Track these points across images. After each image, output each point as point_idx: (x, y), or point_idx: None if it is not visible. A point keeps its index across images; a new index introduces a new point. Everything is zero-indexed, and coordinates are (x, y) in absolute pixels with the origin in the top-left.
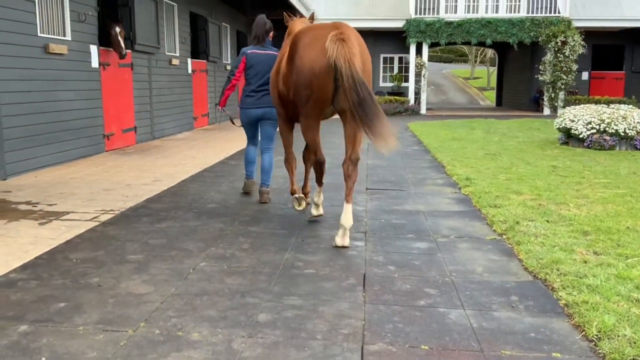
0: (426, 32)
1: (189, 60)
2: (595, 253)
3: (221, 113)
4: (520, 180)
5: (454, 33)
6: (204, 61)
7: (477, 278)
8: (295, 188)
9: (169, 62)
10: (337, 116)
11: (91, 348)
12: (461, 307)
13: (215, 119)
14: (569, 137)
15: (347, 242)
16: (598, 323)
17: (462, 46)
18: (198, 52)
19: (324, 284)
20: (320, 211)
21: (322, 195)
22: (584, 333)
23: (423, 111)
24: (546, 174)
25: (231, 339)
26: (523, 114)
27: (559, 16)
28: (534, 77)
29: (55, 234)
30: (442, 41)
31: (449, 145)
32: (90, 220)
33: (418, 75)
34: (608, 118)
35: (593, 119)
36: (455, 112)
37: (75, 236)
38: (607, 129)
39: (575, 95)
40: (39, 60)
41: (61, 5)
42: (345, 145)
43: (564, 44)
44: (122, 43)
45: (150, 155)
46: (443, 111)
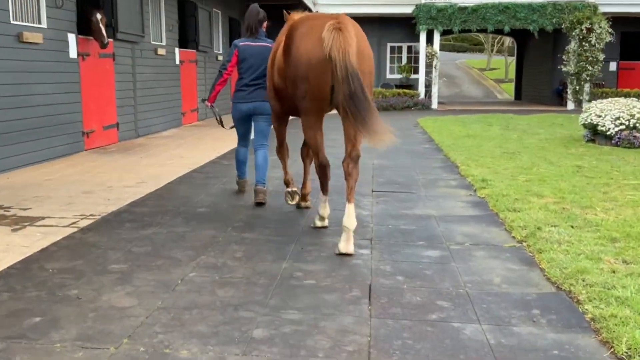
0: (438, 19)
1: (177, 50)
2: (625, 262)
3: (210, 110)
4: (541, 182)
5: (469, 19)
6: (193, 51)
7: (494, 289)
8: (289, 178)
9: (155, 52)
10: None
11: None
12: (477, 322)
13: (205, 115)
14: (595, 134)
15: (351, 248)
16: (628, 339)
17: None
18: (187, 41)
19: (325, 296)
20: (325, 223)
21: (328, 205)
22: (612, 350)
23: (434, 105)
24: (570, 175)
25: (223, 357)
26: (544, 108)
27: (584, 1)
28: (556, 68)
29: (29, 242)
30: (456, 28)
31: (463, 143)
32: (68, 226)
33: (429, 66)
34: (639, 113)
35: (622, 114)
36: (469, 107)
37: (51, 244)
38: (637, 124)
39: (602, 88)
40: (11, 50)
41: None
42: (345, 142)
43: (589, 31)
44: (104, 31)
45: (134, 154)
46: (456, 105)
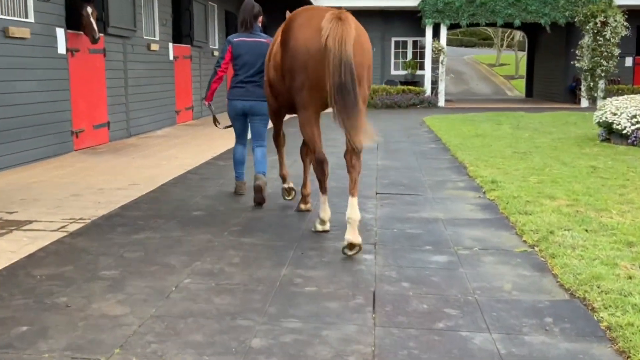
0: (444, 12)
1: (171, 45)
2: None
3: (207, 108)
4: (554, 183)
5: (477, 12)
6: (188, 46)
7: (505, 297)
8: (285, 172)
9: (148, 47)
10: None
11: None
12: (487, 331)
13: (200, 113)
14: (610, 132)
15: (359, 239)
16: None
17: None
18: (181, 36)
19: (327, 303)
20: (327, 227)
21: (328, 206)
22: None
23: (441, 103)
24: (584, 176)
25: None
26: (557, 106)
27: None
28: (569, 64)
29: (16, 247)
30: (463, 22)
31: (471, 143)
32: (56, 230)
33: (435, 61)
34: None
35: (638, 112)
36: (478, 105)
37: (39, 249)
38: None
39: (617, 85)
40: None
41: None
42: (347, 135)
43: (604, 25)
44: (95, 25)
45: (125, 155)
46: (464, 103)
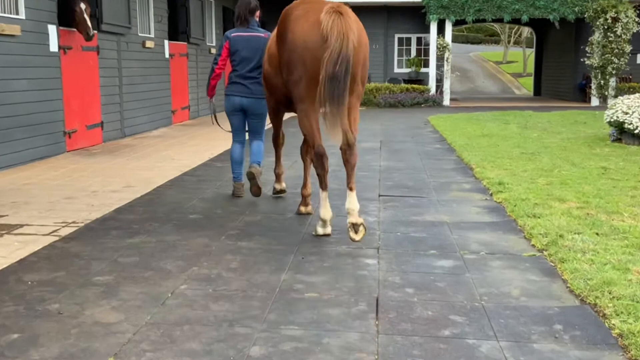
0: (450, 7)
1: (166, 43)
2: None
3: (206, 108)
4: (563, 185)
5: (483, 8)
6: (184, 43)
7: (512, 303)
8: (280, 171)
9: (143, 44)
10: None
11: None
12: (494, 338)
13: (197, 113)
14: (622, 132)
15: (360, 219)
16: None
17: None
18: (177, 33)
19: (328, 310)
20: (328, 230)
21: (329, 206)
22: None
23: (446, 102)
24: (595, 177)
25: None
26: (566, 105)
27: None
28: (579, 61)
29: (6, 252)
30: (469, 18)
31: (477, 143)
32: (48, 234)
33: (440, 59)
34: None
35: None
36: (484, 103)
37: (30, 254)
38: None
39: (629, 82)
40: None
41: None
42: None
43: (615, 20)
44: (89, 22)
45: (120, 156)
46: (470, 102)
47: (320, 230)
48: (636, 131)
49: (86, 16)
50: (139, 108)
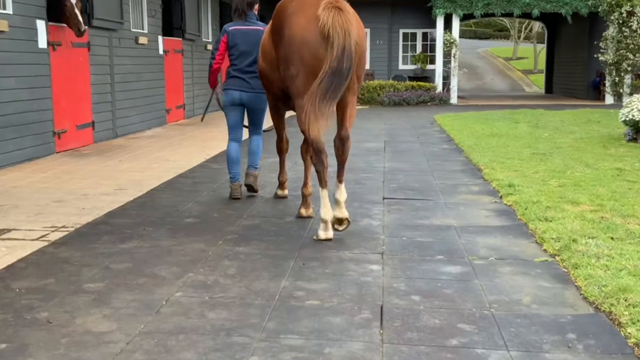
0: (457, 1)
1: (160, 39)
2: None
3: (215, 97)
4: (577, 187)
5: (492, 2)
6: (179, 39)
7: (523, 310)
8: (284, 179)
9: (135, 40)
10: None
11: None
12: (504, 348)
13: (193, 112)
14: (637, 132)
15: (346, 213)
16: None
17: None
18: (171, 29)
19: (331, 318)
20: (330, 234)
21: (330, 205)
22: None
23: (454, 100)
24: (610, 179)
25: None
26: (579, 103)
27: None
28: (592, 57)
29: None
30: (477, 12)
31: (486, 143)
32: (37, 239)
33: (447, 55)
34: None
35: None
36: (494, 102)
37: (18, 260)
38: None
39: None
40: None
41: None
42: (337, 123)
43: (630, 14)
44: (80, 17)
45: (112, 157)
46: (478, 100)
47: (322, 235)
48: None
49: (77, 11)
50: (131, 107)
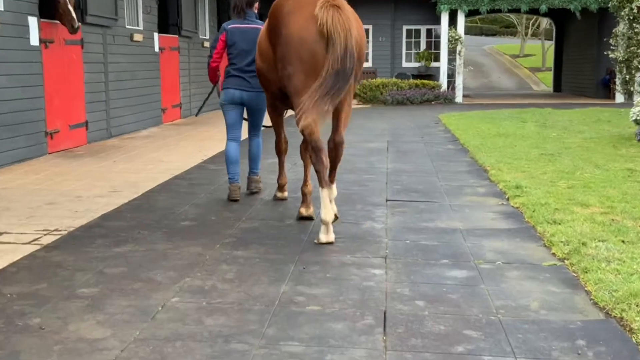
0: None
1: (156, 36)
2: None
3: (216, 91)
4: (586, 188)
5: None
6: (175, 36)
7: (531, 316)
8: (283, 181)
9: (130, 37)
10: None
11: None
12: (512, 355)
13: (189, 112)
14: None
15: (335, 208)
16: None
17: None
18: (167, 25)
19: (332, 324)
20: (331, 237)
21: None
22: None
23: (459, 99)
24: (620, 180)
25: None
26: (589, 101)
27: None
28: (602, 55)
29: None
30: (483, 8)
31: (492, 143)
32: (29, 243)
33: (452, 52)
34: None
35: None
36: (500, 100)
37: (9, 264)
38: None
39: None
40: None
41: None
42: (332, 125)
43: None
44: (74, 13)
45: (106, 158)
46: (484, 99)
47: (323, 238)
48: None
49: (70, 7)
50: (126, 106)
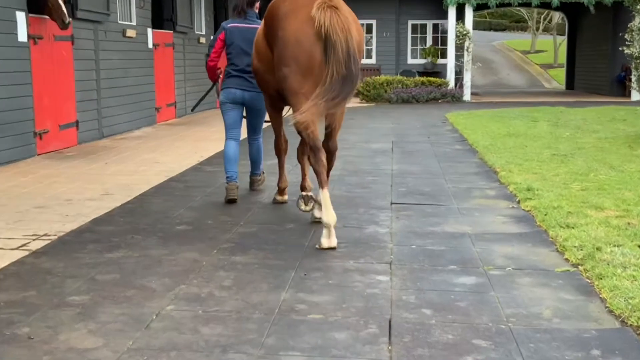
0: None
1: (150, 31)
2: None
3: (215, 89)
4: (601, 191)
5: None
6: (170, 32)
7: (544, 325)
8: (283, 185)
9: (123, 33)
10: None
11: None
12: None
13: (184, 111)
14: None
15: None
16: None
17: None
18: (162, 20)
19: (335, 334)
20: (333, 242)
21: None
22: None
23: (467, 97)
24: (636, 182)
25: None
26: (603, 99)
27: None
28: (617, 50)
29: None
30: (492, 2)
31: (502, 144)
32: (17, 248)
33: (460, 48)
34: None
35: None
36: (510, 98)
37: None
38: None
39: None
40: None
41: None
42: (325, 129)
43: None
44: (64, 8)
45: (97, 159)
46: (494, 97)
47: (325, 243)
48: None
49: (60, 1)
50: (118, 105)
